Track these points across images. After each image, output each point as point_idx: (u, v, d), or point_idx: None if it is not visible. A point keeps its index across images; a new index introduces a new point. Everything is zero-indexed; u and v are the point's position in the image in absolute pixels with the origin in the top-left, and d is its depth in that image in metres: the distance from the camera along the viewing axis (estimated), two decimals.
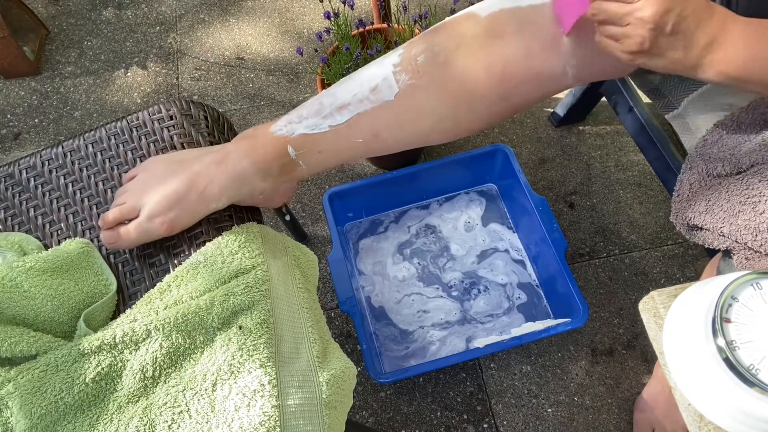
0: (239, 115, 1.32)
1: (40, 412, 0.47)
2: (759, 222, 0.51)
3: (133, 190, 0.58)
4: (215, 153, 0.59)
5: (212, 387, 0.50)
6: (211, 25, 1.48)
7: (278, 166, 0.60)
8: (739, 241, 0.53)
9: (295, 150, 0.60)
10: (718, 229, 0.55)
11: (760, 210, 0.51)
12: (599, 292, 1.05)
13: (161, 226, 0.57)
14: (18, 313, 0.52)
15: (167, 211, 0.56)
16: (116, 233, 0.56)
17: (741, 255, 0.54)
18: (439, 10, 1.42)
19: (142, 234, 0.57)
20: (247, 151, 0.59)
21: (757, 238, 0.51)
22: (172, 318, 0.51)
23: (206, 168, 0.58)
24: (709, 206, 0.56)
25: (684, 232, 0.62)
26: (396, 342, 0.99)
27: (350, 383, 0.58)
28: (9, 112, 1.36)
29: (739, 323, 0.38)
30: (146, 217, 0.56)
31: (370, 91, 0.58)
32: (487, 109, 0.59)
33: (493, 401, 0.95)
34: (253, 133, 0.62)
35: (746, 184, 0.53)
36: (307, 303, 0.60)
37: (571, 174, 1.19)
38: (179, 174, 0.58)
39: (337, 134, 0.59)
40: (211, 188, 0.58)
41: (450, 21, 0.59)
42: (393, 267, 1.07)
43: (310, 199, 1.19)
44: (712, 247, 0.58)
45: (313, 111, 0.60)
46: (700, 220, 0.57)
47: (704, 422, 0.41)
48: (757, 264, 0.53)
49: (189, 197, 0.57)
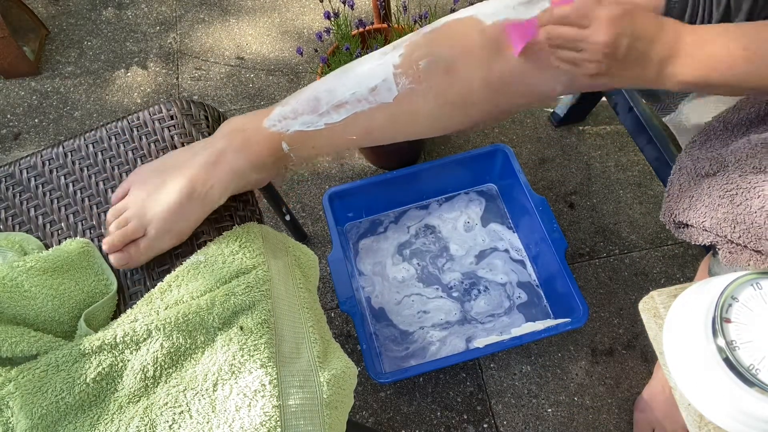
0: (239, 114, 1.32)
1: (41, 412, 0.47)
2: (736, 214, 0.51)
3: (133, 207, 0.57)
4: (207, 152, 0.58)
5: (213, 387, 0.50)
6: (211, 25, 1.48)
7: (272, 160, 0.61)
8: (720, 235, 0.54)
9: (289, 146, 0.61)
10: (701, 224, 0.56)
11: (737, 202, 0.52)
12: (599, 292, 1.05)
13: (170, 240, 0.57)
14: (19, 312, 0.52)
15: (174, 224, 0.56)
16: (127, 255, 0.56)
17: (725, 249, 0.55)
18: (439, 10, 1.42)
19: (153, 251, 0.57)
20: (241, 147, 0.59)
21: (736, 229, 0.52)
22: (173, 318, 0.51)
23: (203, 171, 0.57)
24: (692, 202, 0.57)
25: (672, 230, 0.62)
26: (396, 342, 0.99)
27: (351, 383, 0.58)
28: (9, 112, 1.36)
29: (739, 323, 0.38)
30: (155, 234, 0.56)
31: (368, 92, 0.58)
32: (479, 114, 0.61)
33: (493, 401, 0.95)
34: (243, 125, 0.61)
35: (726, 179, 0.54)
36: (308, 303, 0.60)
37: (571, 174, 1.19)
38: (176, 181, 0.57)
39: (332, 131, 0.60)
40: (212, 192, 0.57)
41: (453, 25, 0.59)
42: (392, 268, 1.07)
43: (310, 199, 1.19)
44: (697, 243, 0.59)
45: (309, 108, 0.59)
46: (684, 216, 0.58)
47: (704, 422, 0.41)
48: (740, 257, 0.53)
49: (192, 205, 0.57)
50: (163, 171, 0.58)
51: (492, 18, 0.57)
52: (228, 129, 0.61)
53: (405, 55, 0.58)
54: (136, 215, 0.56)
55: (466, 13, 0.59)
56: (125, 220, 0.56)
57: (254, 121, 0.61)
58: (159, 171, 0.58)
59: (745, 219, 0.51)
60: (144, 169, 0.60)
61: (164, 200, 0.56)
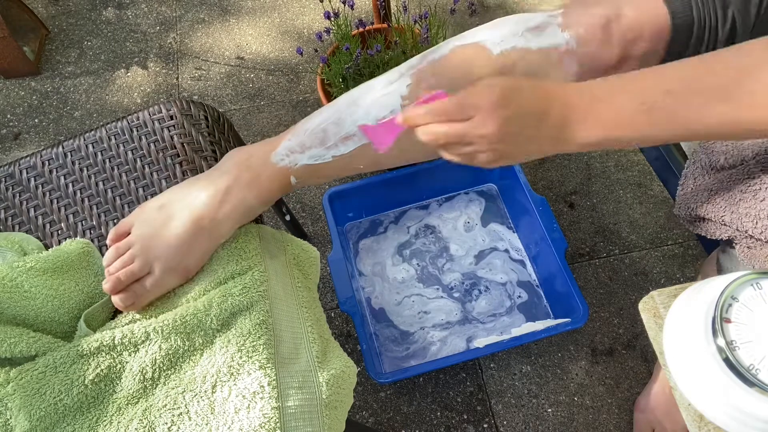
0: (239, 115, 1.32)
1: (40, 413, 0.47)
2: (759, 209, 0.51)
3: (138, 244, 0.55)
4: (213, 189, 0.57)
5: (212, 389, 0.50)
6: (211, 25, 1.48)
7: (279, 193, 0.61)
8: (740, 230, 0.54)
9: (297, 179, 0.60)
10: (720, 218, 0.56)
11: (760, 197, 0.51)
12: (599, 292, 1.05)
13: (176, 278, 0.55)
14: (18, 313, 0.52)
15: (180, 261, 0.54)
16: (132, 294, 0.53)
17: (743, 244, 0.54)
18: (439, 10, 1.42)
19: (160, 289, 0.55)
20: (250, 184, 0.58)
21: (758, 225, 0.51)
22: (171, 320, 0.51)
23: (209, 209, 0.56)
24: (711, 196, 0.57)
25: (687, 224, 0.62)
26: (396, 343, 0.99)
27: (350, 383, 0.58)
28: (9, 112, 1.36)
29: (739, 323, 0.38)
30: (161, 273, 0.54)
31: (377, 123, 0.58)
32: None
33: (493, 401, 0.95)
34: (249, 160, 0.59)
35: (748, 174, 0.53)
36: (307, 302, 0.60)
37: (571, 174, 1.19)
38: (182, 218, 0.55)
39: (340, 161, 0.59)
40: (220, 228, 0.56)
41: (460, 53, 0.58)
42: (392, 269, 1.07)
43: (310, 199, 1.19)
44: (714, 237, 0.58)
45: (317, 141, 0.58)
46: (703, 210, 0.58)
47: (704, 422, 0.41)
48: (759, 252, 0.53)
49: (199, 242, 0.55)
50: (168, 207, 0.56)
51: (500, 47, 0.56)
52: (233, 163, 0.59)
53: (412, 86, 0.57)
54: (141, 252, 0.54)
55: (473, 39, 0.58)
56: (131, 258, 0.54)
57: (260, 155, 0.59)
58: (164, 207, 0.56)
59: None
60: (147, 207, 0.58)
61: (171, 237, 0.54)
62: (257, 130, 1.30)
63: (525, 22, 0.57)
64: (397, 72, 0.59)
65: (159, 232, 0.55)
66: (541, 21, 0.56)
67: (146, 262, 0.54)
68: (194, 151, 0.66)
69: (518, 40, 0.56)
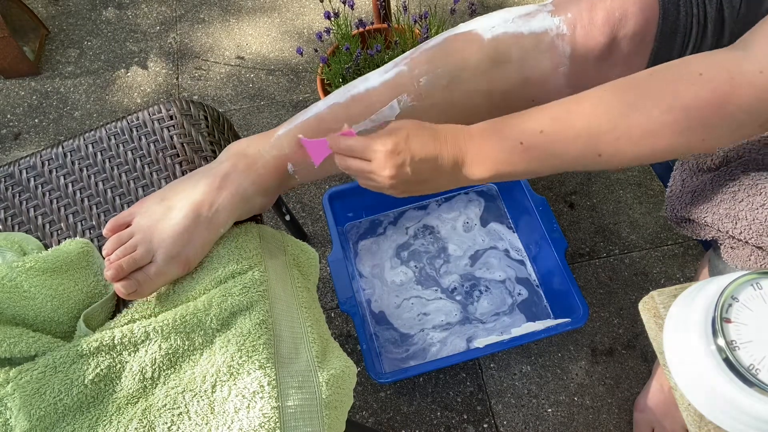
0: (239, 115, 1.32)
1: (39, 413, 0.47)
2: (738, 210, 0.52)
3: (140, 233, 0.55)
4: (212, 177, 0.58)
5: (212, 388, 0.50)
6: (211, 25, 1.48)
7: (277, 183, 0.61)
8: (721, 230, 0.54)
9: (294, 167, 0.61)
10: (702, 219, 0.56)
11: (738, 198, 0.52)
12: (599, 292, 1.05)
13: (179, 267, 0.55)
14: (18, 313, 0.52)
15: (181, 250, 0.55)
16: (134, 282, 0.53)
17: (726, 244, 0.55)
18: (439, 9, 1.42)
19: (162, 278, 0.55)
20: (246, 170, 0.59)
21: (737, 225, 0.52)
22: (171, 320, 0.51)
23: (207, 195, 0.57)
24: (695, 197, 0.57)
25: (675, 225, 0.63)
26: (396, 345, 0.99)
27: (350, 383, 0.58)
28: (9, 112, 1.36)
29: (739, 323, 0.38)
30: (163, 262, 0.54)
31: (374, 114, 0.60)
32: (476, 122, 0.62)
33: (493, 401, 0.95)
34: (245, 149, 0.60)
35: (730, 175, 0.54)
36: (306, 302, 0.60)
37: (571, 174, 1.19)
38: (181, 207, 0.56)
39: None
40: (218, 216, 0.57)
41: (453, 42, 0.59)
42: (391, 272, 1.07)
43: (310, 199, 1.19)
44: (699, 238, 0.59)
45: (313, 127, 0.60)
46: (687, 211, 0.58)
47: (704, 422, 0.41)
48: (741, 252, 0.53)
49: (198, 230, 0.56)
50: (167, 199, 0.57)
51: (491, 32, 0.58)
52: (230, 153, 0.61)
53: (406, 72, 0.59)
54: (143, 241, 0.55)
55: (466, 28, 0.60)
56: (133, 246, 0.55)
57: (257, 144, 0.61)
58: (163, 199, 0.58)
59: (746, 215, 0.51)
60: (148, 200, 0.58)
61: (170, 226, 0.55)
62: (257, 130, 1.30)
63: (516, 10, 0.60)
64: (392, 63, 0.61)
65: (160, 222, 0.56)
66: (532, 9, 0.60)
67: (148, 250, 0.55)
68: (194, 151, 0.66)
69: (509, 26, 0.58)
